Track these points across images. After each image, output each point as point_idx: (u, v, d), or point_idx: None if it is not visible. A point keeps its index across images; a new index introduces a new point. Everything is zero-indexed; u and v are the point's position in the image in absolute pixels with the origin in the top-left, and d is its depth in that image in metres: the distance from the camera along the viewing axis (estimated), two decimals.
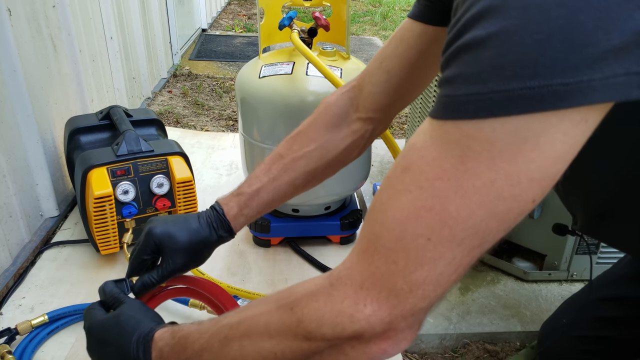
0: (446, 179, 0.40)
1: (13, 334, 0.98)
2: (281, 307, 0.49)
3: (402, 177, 0.43)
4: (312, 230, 1.30)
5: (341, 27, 1.22)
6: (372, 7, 5.21)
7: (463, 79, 0.38)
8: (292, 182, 0.78)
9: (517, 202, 0.40)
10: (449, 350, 1.11)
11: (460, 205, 0.40)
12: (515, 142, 0.37)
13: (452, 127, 0.40)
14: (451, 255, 0.41)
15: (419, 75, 0.75)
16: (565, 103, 0.35)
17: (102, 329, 0.64)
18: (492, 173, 0.39)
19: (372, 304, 0.43)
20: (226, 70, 3.12)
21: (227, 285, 1.15)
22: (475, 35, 0.37)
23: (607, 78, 0.34)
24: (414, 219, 0.41)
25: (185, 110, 2.49)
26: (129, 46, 2.18)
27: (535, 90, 0.35)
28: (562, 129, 0.37)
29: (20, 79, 1.22)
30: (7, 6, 1.19)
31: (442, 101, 0.41)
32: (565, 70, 0.35)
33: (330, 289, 0.46)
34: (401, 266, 0.42)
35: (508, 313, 1.15)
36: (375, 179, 1.71)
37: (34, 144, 1.30)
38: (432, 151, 0.41)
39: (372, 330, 0.44)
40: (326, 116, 0.80)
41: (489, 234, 0.41)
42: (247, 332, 0.51)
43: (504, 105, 0.36)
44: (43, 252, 1.28)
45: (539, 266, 1.24)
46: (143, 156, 1.18)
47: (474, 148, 0.39)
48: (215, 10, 4.43)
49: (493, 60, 0.36)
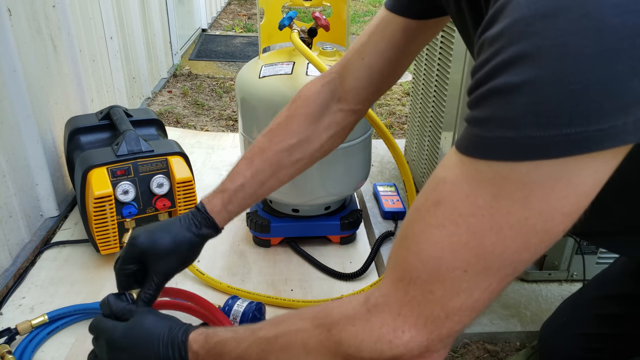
0: (480, 216, 0.42)
1: (13, 334, 0.98)
2: (318, 326, 0.51)
3: (434, 211, 0.45)
4: (312, 230, 1.30)
5: (341, 27, 1.22)
6: (372, 7, 5.22)
7: (496, 122, 0.39)
8: (275, 174, 0.80)
9: (548, 234, 0.42)
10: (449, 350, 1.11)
11: (495, 240, 0.42)
12: (549, 183, 0.39)
13: (484, 166, 0.41)
14: (486, 284, 0.44)
15: (399, 68, 0.77)
16: (600, 146, 0.37)
17: (126, 337, 0.64)
18: (526, 211, 0.40)
19: (410, 330, 0.45)
20: (226, 70, 3.12)
21: (227, 285, 1.15)
22: (508, 81, 0.38)
23: (638, 121, 0.36)
24: (450, 252, 0.43)
25: (185, 110, 2.49)
26: (129, 46, 2.18)
27: (571, 136, 0.37)
28: (594, 167, 0.39)
29: (20, 79, 1.22)
30: (7, 6, 1.19)
31: (473, 140, 0.42)
32: (601, 117, 0.36)
33: (368, 315, 0.48)
34: (438, 296, 0.44)
35: (508, 313, 1.15)
36: (375, 179, 1.71)
37: (34, 144, 1.30)
38: (464, 187, 0.43)
39: (410, 354, 0.46)
40: (307, 109, 0.80)
41: (521, 262, 0.43)
42: (285, 348, 0.52)
43: (539, 150, 0.38)
44: (43, 252, 1.28)
45: (539, 266, 1.24)
46: (143, 156, 1.18)
47: (508, 187, 0.40)
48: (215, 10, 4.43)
49: (528, 107, 0.37)
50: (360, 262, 1.26)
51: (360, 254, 1.30)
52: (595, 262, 1.20)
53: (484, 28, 0.42)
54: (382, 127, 1.06)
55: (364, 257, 1.27)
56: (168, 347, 0.60)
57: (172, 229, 0.76)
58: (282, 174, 0.81)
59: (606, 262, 1.18)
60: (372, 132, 1.26)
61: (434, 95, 1.45)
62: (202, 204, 0.78)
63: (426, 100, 1.54)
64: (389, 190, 1.56)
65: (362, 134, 1.22)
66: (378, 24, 0.75)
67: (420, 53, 1.59)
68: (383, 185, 1.59)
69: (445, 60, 1.34)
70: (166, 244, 0.74)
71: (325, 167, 1.19)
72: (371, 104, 0.83)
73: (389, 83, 0.80)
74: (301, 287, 1.19)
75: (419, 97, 1.63)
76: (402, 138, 2.09)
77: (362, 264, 1.24)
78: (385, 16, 0.73)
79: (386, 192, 1.55)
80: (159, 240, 0.74)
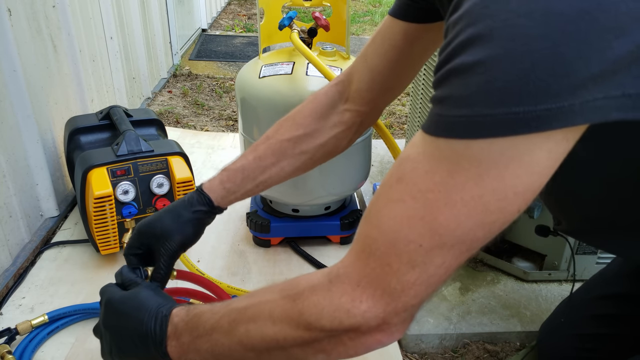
0: (437, 192, 0.43)
1: (13, 334, 0.98)
2: (285, 297, 0.53)
3: (396, 187, 0.46)
4: (312, 230, 1.30)
5: (341, 27, 1.22)
6: (372, 7, 5.22)
7: (453, 101, 0.41)
8: (277, 163, 0.81)
9: (503, 213, 0.43)
10: (449, 350, 1.11)
11: (449, 216, 0.43)
12: (502, 161, 0.40)
13: (443, 143, 0.43)
14: (441, 260, 0.45)
15: (403, 71, 0.78)
16: (548, 126, 0.38)
17: (121, 303, 0.67)
18: (480, 189, 0.42)
19: (367, 301, 0.47)
20: (226, 70, 3.12)
21: (227, 285, 1.15)
22: (463, 61, 0.40)
23: (586, 102, 0.37)
24: (407, 226, 0.45)
25: (185, 110, 2.49)
26: (129, 46, 2.18)
27: (520, 115, 0.38)
28: (546, 148, 0.40)
29: (20, 79, 1.22)
30: (7, 6, 1.19)
31: (434, 119, 0.44)
32: (548, 97, 0.37)
33: (329, 285, 0.50)
34: (394, 268, 0.46)
35: (508, 313, 1.15)
36: (375, 179, 1.71)
37: (34, 144, 1.30)
38: (424, 164, 0.44)
39: (368, 324, 0.47)
40: (314, 105, 0.83)
41: (476, 241, 0.45)
42: (253, 317, 0.54)
43: (491, 128, 0.39)
44: (43, 252, 1.28)
45: (539, 266, 1.24)
46: (143, 156, 1.18)
47: (463, 165, 0.42)
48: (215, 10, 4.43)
49: (480, 86, 0.39)
50: None
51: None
52: (595, 262, 1.20)
53: (450, 13, 0.43)
54: (382, 127, 1.06)
55: None
56: (152, 320, 0.62)
57: (172, 210, 0.80)
58: (285, 164, 0.82)
59: (605, 262, 1.18)
60: (372, 132, 1.26)
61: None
62: (201, 184, 0.81)
63: (426, 100, 1.54)
64: None
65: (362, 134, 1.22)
66: (380, 29, 0.77)
67: None
68: None
69: None
70: (164, 224, 0.78)
71: (325, 167, 1.19)
72: (377, 106, 0.84)
73: (397, 86, 0.81)
74: None
75: (419, 97, 1.63)
76: (402, 138, 2.09)
77: None
78: (387, 21, 0.76)
79: None
80: (156, 222, 0.78)
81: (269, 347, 0.53)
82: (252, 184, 0.81)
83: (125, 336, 0.65)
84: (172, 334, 0.60)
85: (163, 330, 0.61)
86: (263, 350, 0.54)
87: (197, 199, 0.80)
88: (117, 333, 0.66)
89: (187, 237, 0.79)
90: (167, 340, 0.60)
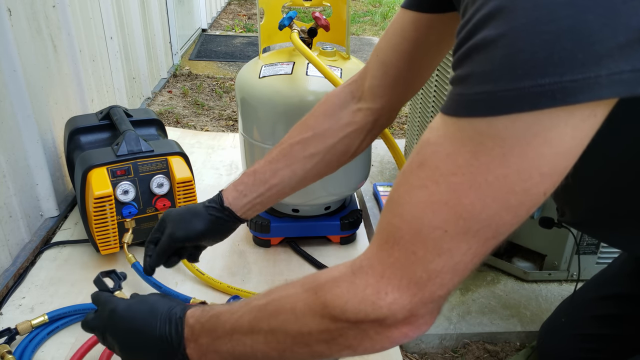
0: (460, 174, 0.42)
1: (13, 334, 0.98)
2: (306, 290, 0.52)
3: (417, 172, 0.45)
4: (312, 230, 1.30)
5: (341, 27, 1.22)
6: (372, 7, 5.21)
7: (475, 77, 0.40)
8: (289, 166, 0.80)
9: (529, 195, 0.41)
10: (449, 350, 1.11)
11: (474, 199, 0.42)
12: (526, 138, 0.39)
13: (465, 124, 0.41)
14: (467, 246, 0.43)
15: (418, 64, 0.76)
16: (574, 99, 0.36)
17: (129, 310, 0.65)
18: (505, 168, 0.40)
19: (393, 292, 0.46)
20: (226, 70, 3.12)
21: (227, 285, 1.15)
22: (485, 35, 0.39)
23: (613, 74, 0.36)
24: (431, 212, 0.43)
25: (185, 110, 2.49)
26: (129, 46, 2.18)
27: (545, 87, 0.36)
28: (572, 123, 0.38)
29: (20, 79, 1.22)
30: (7, 6, 1.19)
31: (455, 99, 0.42)
32: (574, 67, 0.36)
33: (352, 277, 0.48)
34: (420, 256, 0.44)
35: (508, 313, 1.15)
36: (375, 179, 1.71)
37: (34, 144, 1.30)
38: (446, 147, 0.43)
39: (394, 316, 0.46)
40: (325, 106, 0.82)
41: (503, 225, 0.43)
42: (275, 313, 0.53)
43: (514, 102, 0.38)
44: (43, 252, 1.28)
45: (539, 266, 1.24)
46: (143, 156, 1.18)
47: (487, 144, 0.40)
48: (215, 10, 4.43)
49: (503, 59, 0.38)
50: None
51: (360, 254, 1.30)
52: (595, 262, 1.20)
53: None
54: None
55: None
56: (166, 323, 0.61)
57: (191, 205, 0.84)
58: (296, 167, 0.80)
59: (605, 262, 1.18)
60: None
61: (434, 95, 1.45)
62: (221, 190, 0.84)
63: (426, 100, 1.54)
64: (389, 190, 1.56)
65: None
66: (392, 22, 0.76)
67: None
68: (383, 185, 1.59)
69: (445, 60, 1.34)
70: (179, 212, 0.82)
71: None
72: (392, 103, 0.80)
73: (412, 82, 0.78)
74: None
75: (419, 97, 1.63)
76: (402, 138, 2.09)
77: None
78: (399, 14, 0.74)
79: (386, 192, 1.55)
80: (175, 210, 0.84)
81: (293, 344, 0.52)
82: (264, 187, 0.80)
83: (136, 343, 0.63)
84: (189, 336, 0.59)
85: (179, 333, 0.59)
86: (287, 349, 0.53)
87: (213, 198, 0.82)
88: (127, 341, 0.65)
89: (192, 231, 0.80)
90: (185, 342, 0.59)
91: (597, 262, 1.20)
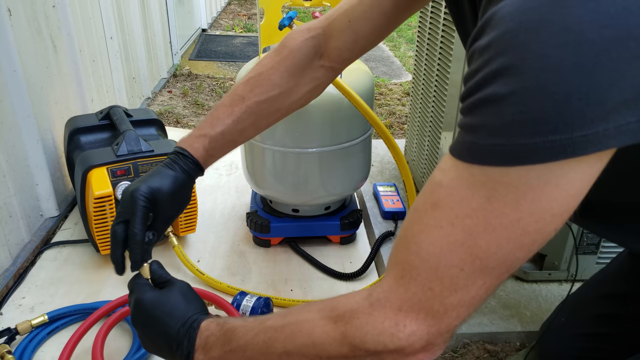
0: (475, 217, 0.44)
1: (13, 334, 0.98)
2: (323, 318, 0.54)
3: (432, 213, 0.47)
4: (312, 230, 1.30)
5: None
6: None
7: (487, 130, 0.42)
8: (255, 124, 0.81)
9: (541, 234, 0.44)
10: (449, 350, 1.11)
11: (489, 240, 0.44)
12: (539, 186, 0.42)
13: (478, 170, 0.44)
14: (482, 281, 0.46)
15: (385, 33, 0.79)
16: (583, 151, 0.39)
17: (151, 305, 0.66)
18: (518, 213, 0.43)
19: (411, 324, 0.48)
20: (226, 70, 3.12)
21: (227, 285, 1.15)
22: (495, 91, 0.41)
23: (620, 126, 0.38)
24: (447, 252, 0.46)
25: (185, 110, 2.49)
26: (129, 46, 2.18)
27: (556, 142, 0.39)
28: (580, 170, 0.41)
29: (20, 79, 1.22)
30: (7, 6, 1.19)
31: (467, 146, 0.44)
32: (583, 124, 0.38)
33: (370, 309, 0.50)
34: (437, 292, 0.47)
35: (508, 313, 1.15)
36: (375, 179, 1.71)
37: (34, 144, 1.30)
38: (459, 191, 0.45)
39: (412, 347, 0.49)
40: (290, 61, 0.81)
41: (516, 261, 0.46)
42: (291, 336, 0.55)
43: (527, 156, 0.40)
44: (43, 252, 1.28)
45: (539, 266, 1.24)
46: (143, 156, 1.18)
47: (500, 191, 0.43)
48: (215, 10, 4.43)
49: (515, 116, 0.40)
50: (360, 262, 1.26)
51: (360, 254, 1.30)
52: (595, 262, 1.20)
53: (473, 38, 0.44)
54: (382, 127, 1.06)
55: (364, 257, 1.27)
56: (180, 330, 0.62)
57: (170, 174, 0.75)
58: (261, 123, 0.83)
59: (605, 262, 1.18)
60: (372, 132, 1.26)
61: (434, 95, 1.45)
62: (183, 148, 0.77)
63: (426, 100, 1.54)
64: (389, 190, 1.56)
65: (362, 134, 1.22)
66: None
67: (420, 53, 1.59)
68: (383, 185, 1.59)
69: (445, 60, 1.34)
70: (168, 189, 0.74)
71: (325, 167, 1.19)
72: (350, 64, 0.85)
73: (371, 47, 0.82)
74: (301, 287, 1.19)
75: (419, 97, 1.63)
76: (402, 138, 2.09)
77: (362, 264, 1.24)
78: None
79: (386, 192, 1.55)
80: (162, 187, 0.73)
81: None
82: (231, 147, 0.81)
83: (152, 337, 0.65)
84: (200, 347, 0.61)
85: (191, 343, 0.61)
86: None
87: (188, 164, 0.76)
88: (145, 332, 0.67)
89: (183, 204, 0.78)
90: (195, 352, 0.61)
91: (597, 262, 1.20)
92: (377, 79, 3.12)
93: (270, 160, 1.20)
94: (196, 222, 1.29)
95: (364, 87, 1.15)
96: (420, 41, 1.60)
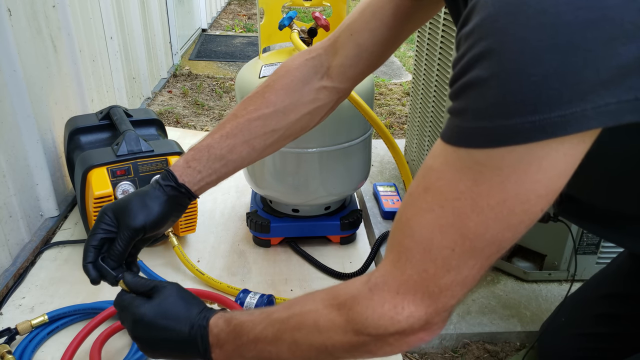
0: (463, 199, 0.46)
1: (13, 334, 0.98)
2: (327, 306, 0.55)
3: (424, 197, 0.49)
4: (312, 230, 1.30)
5: None
6: None
7: (471, 113, 0.44)
8: (247, 142, 0.77)
9: (527, 214, 0.45)
10: (449, 350, 1.11)
11: (477, 221, 0.46)
12: (522, 167, 0.43)
13: (464, 153, 0.45)
14: (473, 261, 0.48)
15: (389, 49, 0.78)
16: (563, 131, 0.40)
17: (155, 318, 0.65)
18: (503, 194, 0.44)
19: (409, 306, 0.50)
20: (226, 70, 3.12)
21: (227, 285, 1.15)
22: (478, 74, 0.42)
23: (599, 107, 0.39)
24: (439, 234, 0.48)
25: (185, 110, 2.49)
26: (129, 46, 2.18)
27: (536, 123, 0.40)
28: (562, 151, 0.42)
29: (20, 79, 1.22)
30: (7, 6, 1.19)
31: (454, 129, 0.46)
32: (561, 104, 0.39)
33: (370, 294, 0.52)
34: (431, 273, 0.49)
35: (508, 313, 1.15)
36: (375, 179, 1.71)
37: (34, 144, 1.30)
38: (448, 174, 0.47)
39: (412, 327, 0.51)
40: (287, 80, 0.79)
41: (505, 241, 0.47)
42: (298, 326, 0.57)
43: (509, 136, 0.42)
44: (43, 252, 1.28)
45: (539, 266, 1.24)
46: (143, 156, 1.18)
47: (486, 173, 0.44)
48: (215, 10, 4.43)
49: (496, 98, 0.41)
50: (360, 262, 1.26)
51: (360, 254, 1.30)
52: (595, 262, 1.20)
53: (461, 25, 0.45)
54: (382, 127, 1.06)
55: (364, 257, 1.27)
56: (190, 331, 0.63)
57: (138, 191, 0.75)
58: (256, 143, 0.78)
59: (605, 262, 1.18)
60: (372, 132, 1.26)
61: (434, 95, 1.45)
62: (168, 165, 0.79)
63: (426, 100, 1.54)
64: (389, 190, 1.56)
65: (362, 134, 1.22)
66: (370, 2, 0.74)
67: (420, 53, 1.59)
68: (383, 185, 1.59)
69: (445, 60, 1.34)
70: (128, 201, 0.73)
71: (325, 167, 1.19)
72: (356, 84, 0.81)
73: (377, 64, 0.80)
74: (301, 287, 1.19)
75: (419, 97, 1.63)
76: (402, 138, 2.09)
77: (362, 264, 1.24)
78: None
79: (386, 192, 1.55)
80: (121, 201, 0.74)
81: (317, 353, 0.56)
82: (219, 163, 0.77)
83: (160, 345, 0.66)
84: (213, 344, 0.62)
85: (205, 340, 0.62)
86: (311, 357, 0.57)
87: (162, 176, 0.75)
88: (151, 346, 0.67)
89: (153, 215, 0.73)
90: (211, 348, 0.62)
91: (597, 262, 1.20)
92: (377, 79, 3.12)
93: (270, 160, 1.20)
94: (196, 222, 1.29)
95: (364, 87, 1.15)
96: (420, 41, 1.60)
